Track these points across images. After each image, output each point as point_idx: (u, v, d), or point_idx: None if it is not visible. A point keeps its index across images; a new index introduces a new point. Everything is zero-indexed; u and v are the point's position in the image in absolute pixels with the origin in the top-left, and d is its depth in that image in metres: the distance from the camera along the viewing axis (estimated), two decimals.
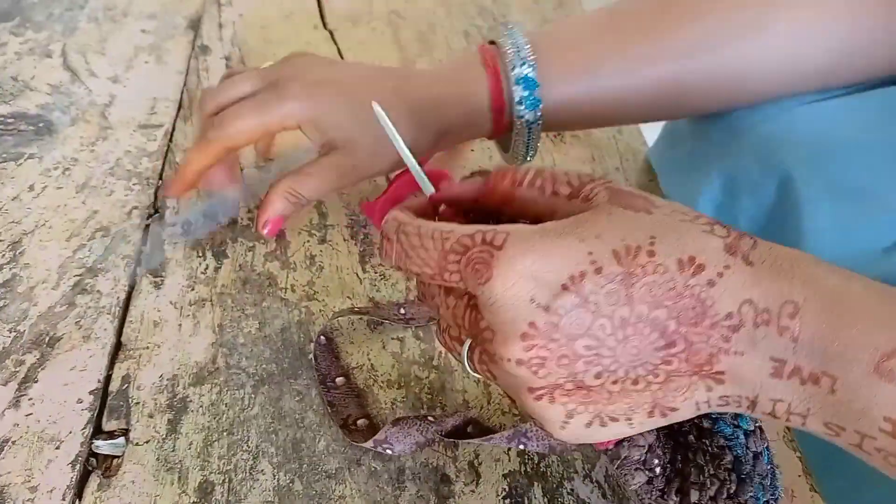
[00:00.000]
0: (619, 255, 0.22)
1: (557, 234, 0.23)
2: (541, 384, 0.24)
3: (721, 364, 0.23)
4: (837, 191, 0.41)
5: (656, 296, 0.22)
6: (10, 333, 0.41)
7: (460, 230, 0.24)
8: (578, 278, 0.22)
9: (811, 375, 0.22)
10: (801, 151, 0.43)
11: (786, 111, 0.45)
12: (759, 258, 0.23)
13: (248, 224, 0.49)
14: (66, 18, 0.67)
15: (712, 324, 0.23)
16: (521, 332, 0.23)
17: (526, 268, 0.22)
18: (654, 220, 0.24)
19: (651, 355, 0.23)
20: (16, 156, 0.52)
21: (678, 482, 0.29)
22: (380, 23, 0.70)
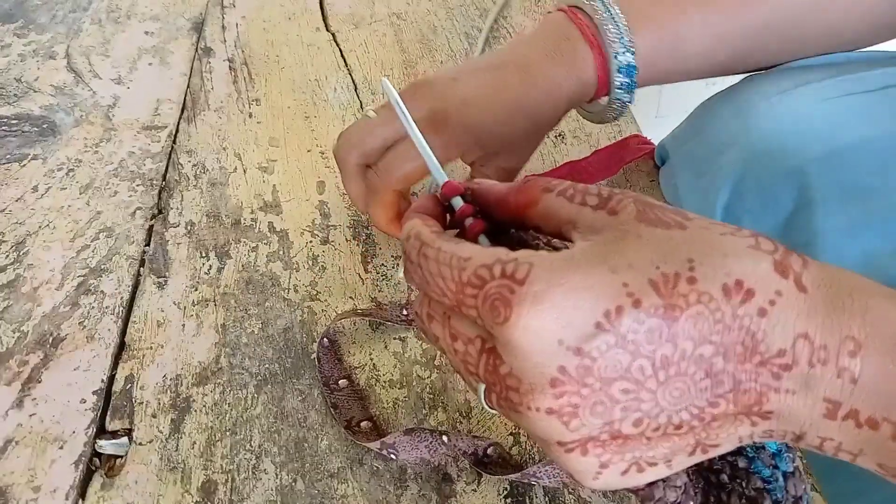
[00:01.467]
0: (658, 284, 0.20)
1: (586, 263, 0.20)
2: (572, 437, 0.21)
3: (770, 404, 0.21)
4: (850, 190, 0.41)
5: (702, 330, 0.20)
6: (14, 334, 0.41)
7: (479, 258, 0.22)
8: (615, 314, 0.19)
9: (869, 420, 0.20)
10: (816, 150, 0.43)
11: (802, 108, 0.45)
12: (813, 282, 0.20)
13: (252, 224, 0.49)
14: (70, 20, 0.67)
15: (762, 361, 0.20)
16: (549, 379, 0.20)
17: (553, 305, 0.20)
18: (690, 236, 0.21)
19: (696, 397, 0.20)
20: (20, 157, 0.52)
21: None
22: (381, 25, 0.70)
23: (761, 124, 0.47)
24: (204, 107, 0.59)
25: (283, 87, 0.61)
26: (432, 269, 0.23)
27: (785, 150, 0.45)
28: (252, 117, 0.58)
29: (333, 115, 0.59)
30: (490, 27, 0.70)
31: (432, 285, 0.23)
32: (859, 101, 0.44)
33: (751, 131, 0.47)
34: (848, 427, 0.20)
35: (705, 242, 0.20)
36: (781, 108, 0.46)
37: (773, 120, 0.46)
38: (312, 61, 0.65)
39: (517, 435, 0.39)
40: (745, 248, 0.20)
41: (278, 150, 0.55)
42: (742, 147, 0.48)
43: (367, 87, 0.62)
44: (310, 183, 0.53)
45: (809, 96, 0.45)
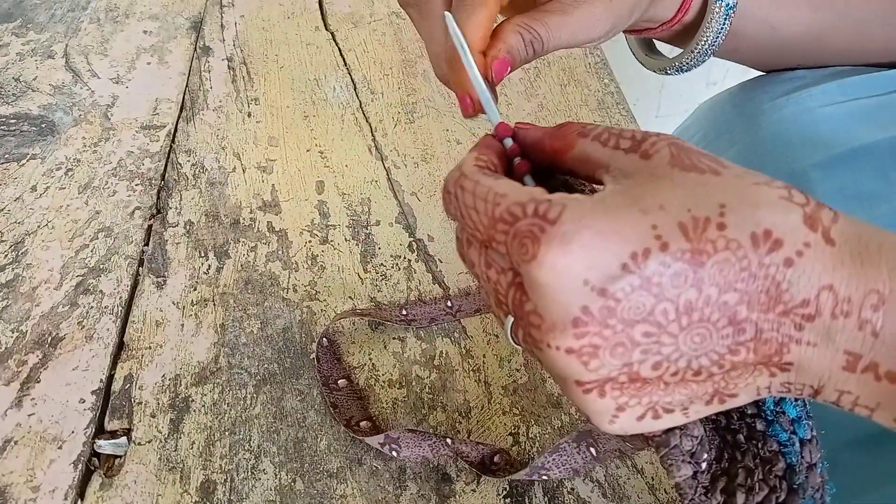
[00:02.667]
0: (687, 228, 0.19)
1: (618, 205, 0.20)
2: (591, 377, 0.21)
3: (790, 354, 0.21)
4: (853, 195, 0.41)
5: (728, 276, 0.20)
6: (13, 333, 0.41)
7: (514, 196, 0.22)
8: (642, 257, 0.19)
9: (888, 373, 0.20)
10: (819, 155, 0.43)
11: (806, 112, 0.45)
12: (841, 236, 0.20)
13: (251, 224, 0.49)
14: (69, 19, 0.67)
15: (785, 310, 0.20)
16: (572, 318, 0.20)
17: (581, 246, 0.20)
18: (724, 183, 0.21)
19: (717, 343, 0.21)
20: (18, 156, 0.52)
21: (724, 482, 0.26)
22: (381, 24, 0.70)
23: (765, 126, 0.47)
24: (203, 106, 0.59)
25: (282, 87, 0.61)
26: (467, 202, 0.23)
27: (788, 154, 0.45)
28: (251, 117, 0.58)
29: (332, 114, 0.59)
30: None
31: (466, 218, 0.23)
32: (866, 106, 0.44)
33: (755, 132, 0.47)
34: (867, 380, 0.20)
35: (738, 190, 0.20)
36: (787, 110, 0.46)
37: (778, 122, 0.46)
38: (311, 60, 0.64)
39: (517, 435, 0.39)
40: (777, 199, 0.20)
41: (277, 149, 0.55)
42: (745, 147, 0.48)
43: (367, 87, 0.62)
44: (309, 182, 0.53)
45: (816, 99, 0.45)
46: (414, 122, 0.59)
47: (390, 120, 0.59)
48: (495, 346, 0.43)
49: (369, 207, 0.51)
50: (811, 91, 0.46)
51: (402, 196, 0.52)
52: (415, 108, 0.60)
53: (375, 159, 0.55)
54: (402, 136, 0.57)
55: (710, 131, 0.53)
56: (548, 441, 0.38)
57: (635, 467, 0.37)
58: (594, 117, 0.61)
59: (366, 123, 0.58)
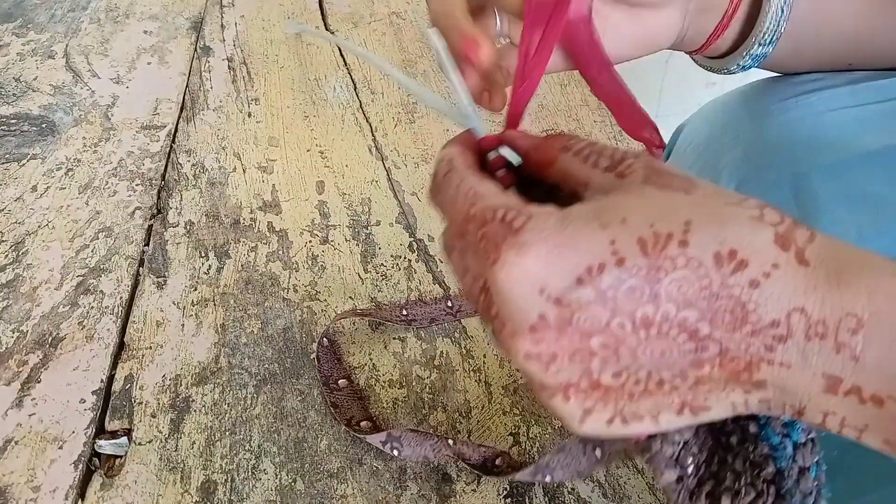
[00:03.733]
0: (646, 244, 0.20)
1: (579, 219, 0.21)
2: (552, 381, 0.21)
3: (762, 373, 0.20)
4: (859, 199, 0.41)
5: (687, 294, 0.19)
6: (14, 334, 0.41)
7: (489, 200, 0.22)
8: (597, 271, 0.20)
9: (873, 397, 0.19)
10: (824, 158, 0.43)
11: (814, 116, 0.45)
12: (816, 256, 0.20)
13: (251, 224, 0.49)
14: (69, 20, 0.67)
15: (753, 330, 0.20)
16: (529, 325, 0.21)
17: (537, 256, 0.20)
18: (693, 201, 0.21)
19: (678, 358, 0.20)
20: (19, 156, 0.52)
21: (710, 485, 0.26)
22: (381, 24, 0.70)
23: (772, 127, 0.47)
24: (203, 106, 0.59)
25: (283, 87, 0.61)
26: (450, 194, 0.24)
27: (793, 156, 0.45)
28: (251, 117, 0.58)
29: (333, 114, 0.59)
30: None
31: (446, 209, 0.24)
32: (875, 111, 0.44)
33: (761, 133, 0.47)
34: (851, 402, 0.20)
35: (706, 208, 0.20)
36: (794, 112, 0.46)
37: (785, 124, 0.46)
38: (312, 60, 0.65)
39: (517, 435, 0.39)
40: (746, 218, 0.20)
41: (277, 149, 0.55)
42: (750, 147, 0.48)
43: (367, 87, 0.62)
44: (309, 183, 0.53)
45: (825, 103, 0.45)
46: (414, 122, 0.59)
47: (390, 120, 0.59)
48: (496, 346, 0.43)
49: (369, 207, 0.51)
50: (821, 94, 0.46)
51: (403, 196, 0.52)
52: (415, 108, 0.60)
53: (376, 159, 0.55)
54: (402, 136, 0.57)
55: (717, 129, 0.53)
56: (548, 441, 0.38)
57: (635, 467, 0.37)
58: (594, 117, 0.61)
59: (366, 123, 0.58)
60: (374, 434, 0.36)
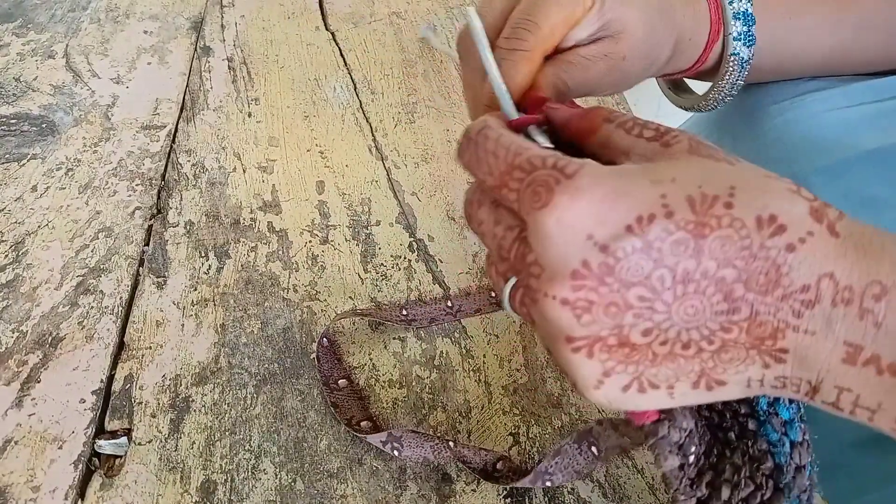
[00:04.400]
0: (695, 202, 0.20)
1: (632, 173, 0.21)
2: (582, 333, 0.21)
3: (786, 341, 0.21)
4: (858, 201, 0.41)
5: (728, 253, 0.20)
6: (13, 334, 0.41)
7: (537, 150, 0.23)
8: (647, 221, 0.20)
9: (891, 366, 0.20)
10: (822, 160, 0.43)
11: (811, 117, 0.45)
12: (846, 230, 0.21)
13: (251, 224, 0.49)
14: (69, 19, 0.67)
15: (784, 294, 0.20)
16: (571, 270, 0.21)
17: (591, 202, 0.20)
18: (737, 170, 0.21)
19: (710, 318, 0.21)
20: (19, 156, 0.52)
21: (710, 476, 0.27)
22: (381, 24, 0.70)
23: (769, 129, 0.47)
24: (203, 106, 0.59)
25: (283, 87, 0.61)
26: (488, 147, 0.24)
27: (791, 157, 0.45)
28: (251, 117, 0.58)
29: (333, 114, 0.59)
30: None
31: (482, 162, 0.24)
32: (870, 111, 0.45)
33: (758, 135, 0.47)
34: (867, 374, 0.20)
35: (750, 176, 0.21)
36: (791, 114, 0.46)
37: (782, 125, 0.46)
38: (312, 60, 0.65)
39: (517, 435, 0.39)
40: (785, 190, 0.21)
41: (277, 149, 0.55)
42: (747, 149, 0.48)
43: (367, 87, 0.62)
44: (309, 183, 0.53)
45: (820, 104, 0.46)
46: (414, 122, 0.59)
47: (390, 120, 0.59)
48: (495, 346, 0.43)
49: (369, 207, 0.51)
50: (816, 96, 0.46)
51: (403, 196, 0.52)
52: (415, 108, 0.60)
53: (376, 159, 0.55)
54: (402, 136, 0.57)
55: (713, 132, 0.53)
56: (548, 441, 0.38)
57: (635, 467, 0.37)
58: None
59: (366, 123, 0.58)
60: (374, 434, 0.36)
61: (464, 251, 0.48)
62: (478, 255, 0.48)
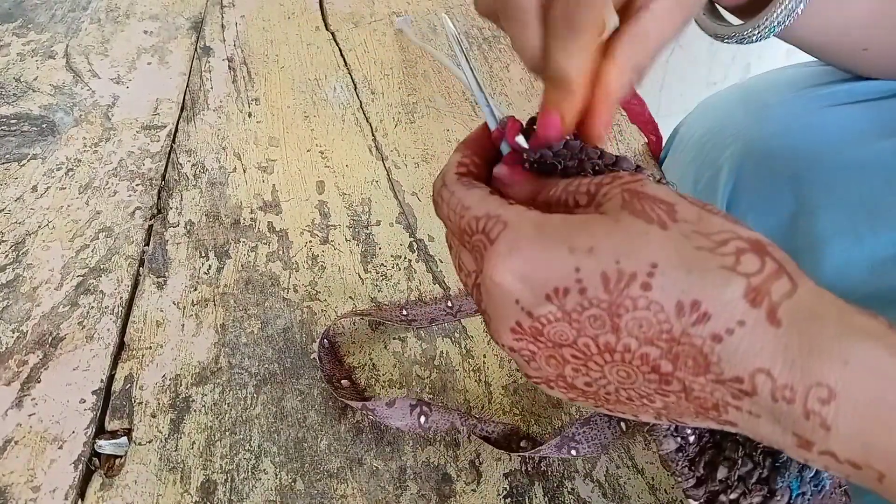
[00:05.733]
0: (609, 280, 0.19)
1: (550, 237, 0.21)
2: (534, 374, 0.23)
3: (731, 416, 0.19)
4: (856, 198, 0.41)
5: (647, 333, 0.19)
6: (14, 334, 0.41)
7: (474, 210, 0.24)
8: (562, 293, 0.20)
9: (850, 461, 0.18)
10: (822, 153, 0.43)
11: (813, 112, 0.45)
12: (790, 315, 0.18)
13: (251, 224, 0.49)
14: (69, 20, 0.67)
15: (717, 380, 0.19)
16: (509, 325, 0.22)
17: (513, 269, 0.21)
18: (664, 239, 0.19)
19: (644, 385, 0.21)
20: (19, 156, 0.52)
21: (710, 454, 0.27)
22: (381, 24, 0.70)
23: (771, 122, 0.47)
24: (203, 106, 0.59)
25: (283, 87, 0.61)
26: (443, 211, 0.25)
27: (792, 151, 0.45)
28: (251, 117, 0.58)
29: (333, 114, 0.59)
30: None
31: (447, 223, 0.26)
32: (872, 108, 0.44)
33: (759, 128, 0.47)
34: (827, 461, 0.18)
35: (676, 252, 0.19)
36: (794, 107, 0.46)
37: (785, 119, 0.46)
38: (312, 60, 0.65)
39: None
40: (716, 268, 0.19)
41: (278, 149, 0.55)
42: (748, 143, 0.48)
43: (367, 87, 0.62)
44: (309, 183, 0.53)
45: (823, 99, 0.46)
46: (414, 122, 0.59)
47: (391, 120, 0.59)
48: (495, 346, 0.43)
49: (370, 207, 0.51)
50: (819, 91, 0.46)
51: (403, 196, 0.52)
52: (415, 108, 0.60)
53: (376, 159, 0.55)
54: (402, 136, 0.57)
55: (714, 125, 0.53)
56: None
57: (635, 467, 0.37)
58: None
59: (366, 123, 0.58)
60: (404, 398, 0.37)
61: None
62: None
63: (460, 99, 0.61)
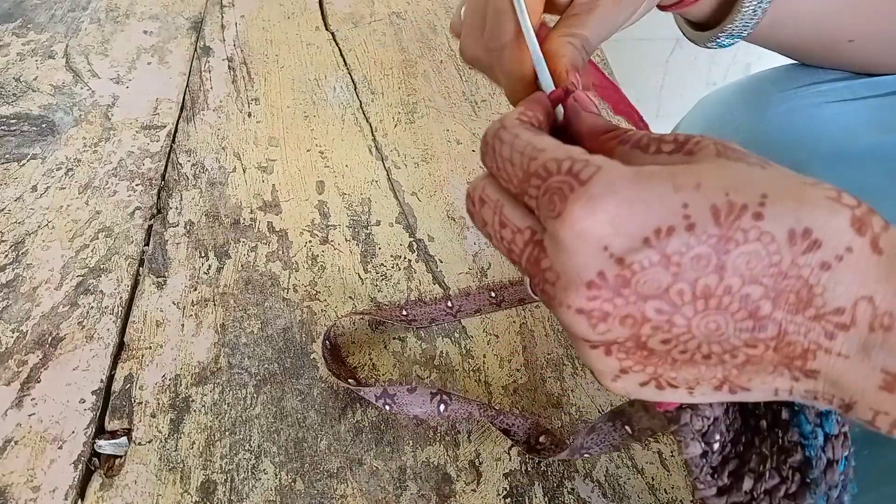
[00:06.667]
0: (720, 213, 0.19)
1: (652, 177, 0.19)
2: (598, 339, 0.21)
3: (816, 362, 0.19)
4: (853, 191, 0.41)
5: (754, 270, 0.19)
6: (13, 334, 0.41)
7: (552, 152, 0.21)
8: (665, 233, 0.19)
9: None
10: (824, 148, 0.43)
11: (813, 107, 0.45)
12: (890, 245, 0.19)
13: (251, 224, 0.49)
14: (69, 20, 0.67)
15: (816, 315, 0.19)
16: (586, 281, 0.20)
17: (607, 211, 0.19)
18: (769, 175, 0.19)
19: (733, 335, 0.20)
20: (19, 156, 0.52)
21: (734, 465, 0.26)
22: (381, 24, 0.70)
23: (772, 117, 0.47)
24: (203, 106, 0.59)
25: (283, 87, 0.61)
26: (504, 153, 0.23)
27: (793, 146, 0.45)
28: (251, 117, 0.58)
29: (333, 114, 0.59)
30: None
31: (502, 170, 0.23)
32: (873, 104, 0.45)
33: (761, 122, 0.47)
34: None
35: (784, 184, 0.19)
36: (795, 102, 0.46)
37: (786, 113, 0.46)
38: (312, 60, 0.65)
39: None
40: (823, 198, 0.19)
41: (277, 149, 0.55)
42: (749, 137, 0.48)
43: (367, 87, 0.62)
44: (309, 183, 0.53)
45: (825, 95, 0.46)
46: (414, 122, 0.59)
47: (390, 120, 0.59)
48: (495, 346, 0.43)
49: (369, 207, 0.51)
50: (820, 87, 0.46)
51: (403, 196, 0.52)
52: (415, 108, 0.60)
53: (376, 159, 0.55)
54: (402, 136, 0.57)
55: (715, 120, 0.53)
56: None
57: (635, 467, 0.37)
58: None
59: (366, 123, 0.58)
60: (424, 386, 0.38)
61: (464, 251, 0.48)
62: (478, 255, 0.48)
63: (460, 99, 0.61)
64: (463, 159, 0.55)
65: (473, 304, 0.44)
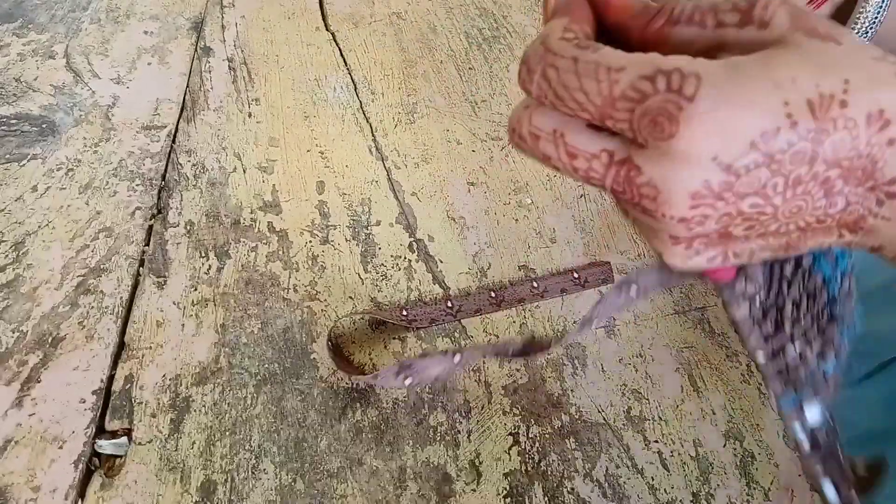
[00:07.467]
0: (814, 106, 0.19)
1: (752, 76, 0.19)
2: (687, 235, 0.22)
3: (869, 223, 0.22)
4: None
5: (838, 154, 0.20)
6: (14, 334, 0.41)
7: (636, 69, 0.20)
8: (771, 135, 0.19)
9: None
10: None
11: None
12: None
13: (251, 224, 0.49)
14: (69, 20, 0.67)
15: (873, 186, 0.21)
16: (692, 191, 0.20)
17: (719, 124, 0.19)
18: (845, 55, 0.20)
19: (809, 214, 0.21)
20: (19, 157, 0.52)
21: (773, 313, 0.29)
22: (381, 24, 0.70)
23: None
24: (203, 106, 0.59)
25: (283, 87, 0.61)
26: (569, 83, 0.21)
27: None
28: (251, 117, 0.58)
29: (333, 114, 0.59)
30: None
31: (566, 99, 0.21)
32: None
33: None
34: None
35: (860, 65, 0.20)
36: None
37: None
38: (312, 61, 0.65)
39: (517, 435, 0.39)
40: (892, 76, 0.20)
41: (278, 149, 0.55)
42: None
43: (367, 87, 0.62)
44: (309, 183, 0.53)
45: None
46: (414, 122, 0.59)
47: (390, 120, 0.59)
48: None
49: (369, 207, 0.51)
50: None
51: (403, 196, 0.52)
52: (415, 108, 0.60)
53: (376, 159, 0.55)
54: (402, 136, 0.57)
55: None
56: (548, 441, 0.38)
57: (635, 467, 0.37)
58: None
59: (366, 124, 0.58)
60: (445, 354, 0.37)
61: (464, 251, 0.48)
62: (478, 255, 0.48)
63: (460, 99, 0.61)
64: (463, 159, 0.55)
65: (473, 304, 0.44)
